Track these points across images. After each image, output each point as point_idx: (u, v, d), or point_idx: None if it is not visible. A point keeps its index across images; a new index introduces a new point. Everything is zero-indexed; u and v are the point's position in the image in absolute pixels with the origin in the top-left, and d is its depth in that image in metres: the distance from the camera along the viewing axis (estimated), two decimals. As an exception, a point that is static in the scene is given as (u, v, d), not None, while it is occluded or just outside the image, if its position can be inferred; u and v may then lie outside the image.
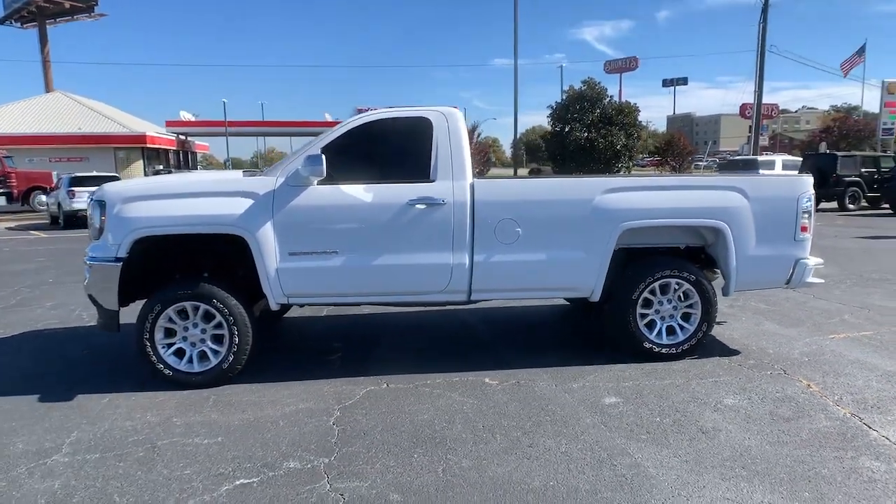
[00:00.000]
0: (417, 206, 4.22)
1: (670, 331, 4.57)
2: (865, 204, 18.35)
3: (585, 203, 4.33)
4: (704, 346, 4.65)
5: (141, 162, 37.65)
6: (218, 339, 4.23)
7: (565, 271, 4.39)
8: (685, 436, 3.31)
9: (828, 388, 3.95)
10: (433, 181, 4.29)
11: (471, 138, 27.99)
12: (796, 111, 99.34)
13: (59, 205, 18.38)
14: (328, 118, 54.44)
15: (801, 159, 20.31)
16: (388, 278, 4.28)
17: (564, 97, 25.75)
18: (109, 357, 5.00)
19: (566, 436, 3.34)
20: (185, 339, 4.23)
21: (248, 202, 4.14)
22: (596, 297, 4.51)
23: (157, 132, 39.49)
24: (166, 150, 41.75)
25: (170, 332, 4.21)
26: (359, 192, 4.23)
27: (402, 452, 3.19)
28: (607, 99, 25.19)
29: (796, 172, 14.05)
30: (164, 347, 4.18)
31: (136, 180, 4.92)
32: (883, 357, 4.52)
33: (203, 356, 4.24)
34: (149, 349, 4.14)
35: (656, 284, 4.47)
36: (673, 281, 4.48)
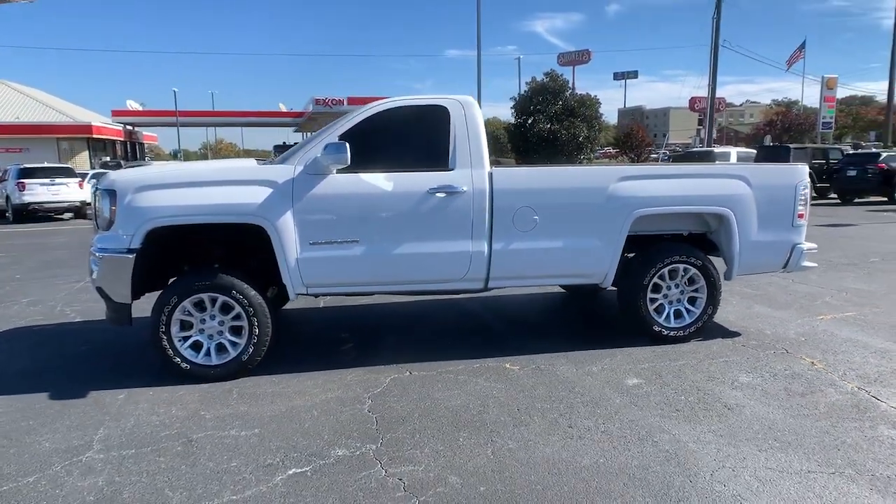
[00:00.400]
0: (438, 194, 4.24)
1: (677, 314, 4.75)
2: (814, 194, 19.32)
3: (600, 191, 4.44)
4: (706, 328, 4.85)
5: (86, 153, 36.02)
6: (236, 331, 4.16)
7: (580, 258, 4.50)
8: (712, 412, 3.47)
9: (830, 364, 4.20)
10: (452, 170, 4.31)
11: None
12: (740, 105, 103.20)
13: (7, 198, 17.43)
14: (283, 108, 53.50)
15: (754, 151, 21.18)
16: (408, 267, 4.29)
17: (527, 89, 26.02)
18: (112, 352, 4.83)
19: (601, 416, 3.45)
20: (202, 331, 4.13)
21: (268, 191, 4.06)
22: (608, 284, 4.64)
23: (102, 122, 37.84)
24: (113, 141, 40.10)
25: (186, 325, 4.11)
26: (379, 181, 4.21)
27: (446, 437, 3.23)
28: (569, 91, 25.63)
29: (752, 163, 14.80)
30: (180, 341, 4.08)
31: (145, 168, 4.75)
32: (871, 335, 4.82)
33: (221, 348, 4.16)
34: (165, 343, 4.02)
35: (665, 270, 4.63)
36: (681, 266, 4.65)
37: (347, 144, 3.97)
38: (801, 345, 4.63)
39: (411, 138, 4.41)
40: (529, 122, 25.19)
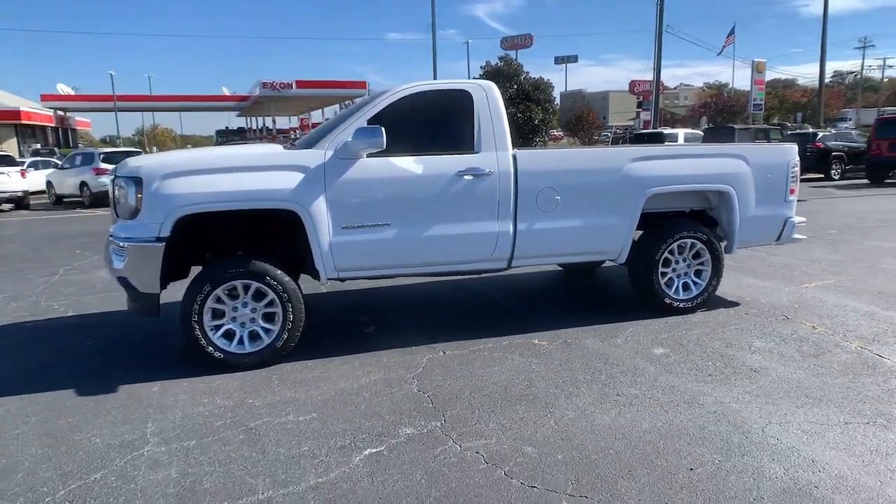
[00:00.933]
0: (465, 176, 4.30)
1: (685, 287, 5.01)
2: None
3: (616, 171, 4.62)
4: (709, 299, 5.14)
5: (14, 140, 33.73)
6: (269, 318, 4.11)
7: (598, 236, 4.68)
8: (741, 375, 3.73)
9: (829, 328, 4.55)
10: (477, 152, 4.38)
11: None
12: (675, 88, 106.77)
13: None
14: (226, 92, 51.63)
15: (700, 132, 22.12)
16: (437, 249, 4.35)
17: (482, 73, 26.12)
18: (122, 345, 4.68)
19: (642, 384, 3.64)
20: (234, 319, 4.07)
21: (300, 176, 4.02)
22: (622, 260, 4.85)
23: (31, 108, 35.48)
24: (43, 127, 37.70)
25: (218, 314, 4.03)
26: (409, 164, 4.23)
27: (504, 411, 3.34)
28: (523, 75, 25.91)
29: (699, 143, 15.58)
30: (212, 329, 4.01)
31: (169, 154, 4.55)
32: (855, 300, 5.24)
33: (254, 336, 4.11)
34: (197, 332, 3.94)
35: (675, 245, 4.88)
36: (688, 241, 4.91)
37: (383, 128, 3.97)
38: (798, 311, 4.99)
39: (436, 122, 4.45)
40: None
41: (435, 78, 24.67)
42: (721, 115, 53.56)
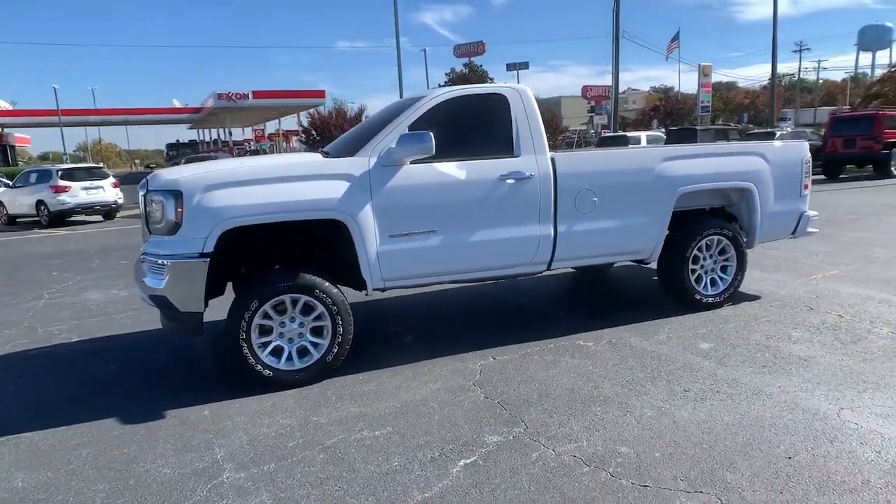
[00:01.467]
0: (507, 180, 4.29)
1: (713, 282, 5.13)
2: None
3: (649, 171, 4.69)
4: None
5: (-51, 159, 31.80)
6: (318, 332, 3.99)
7: (633, 236, 4.74)
8: (795, 365, 3.83)
9: (854, 316, 4.74)
10: (518, 156, 4.37)
11: (357, 122, 27.52)
12: (623, 93, 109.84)
13: None
14: (177, 104, 50.16)
15: (661, 134, 22.83)
16: (482, 254, 4.31)
17: (447, 79, 26.22)
18: (149, 368, 4.45)
19: (704, 379, 3.69)
20: (281, 335, 3.92)
21: (346, 185, 3.92)
22: (654, 258, 4.92)
23: (-33, 124, 33.54)
24: (-20, 145, 35.66)
25: (264, 330, 3.88)
26: (452, 170, 4.19)
27: (582, 413, 3.33)
28: (489, 82, 26.12)
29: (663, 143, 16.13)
30: (260, 347, 3.85)
31: (203, 165, 4.34)
32: (867, 289, 5.48)
33: (302, 351, 3.97)
34: (246, 351, 3.78)
35: (703, 242, 4.99)
36: (715, 238, 5.03)
37: (432, 133, 3.92)
38: (818, 301, 5.17)
39: (475, 126, 4.42)
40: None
41: (400, 86, 24.65)
42: (670, 118, 55.38)
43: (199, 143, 56.98)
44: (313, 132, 27.05)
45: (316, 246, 4.27)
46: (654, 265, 5.17)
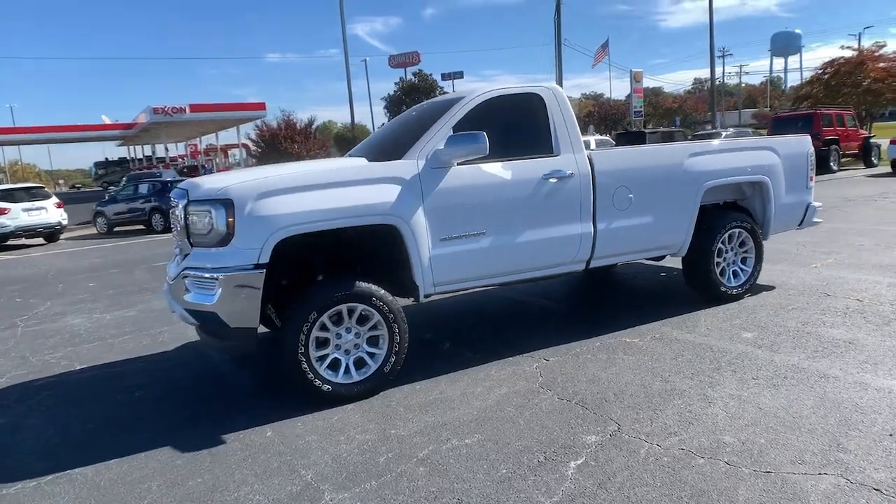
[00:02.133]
0: (550, 179, 4.27)
1: (735, 274, 5.28)
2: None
3: (678, 167, 4.79)
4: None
5: None
6: (373, 342, 3.82)
7: (665, 231, 4.81)
8: (844, 348, 3.97)
9: (872, 299, 4.98)
10: (557, 155, 4.37)
11: (307, 133, 26.95)
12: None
13: None
14: (106, 121, 47.66)
15: (607, 137, 23.57)
16: (528, 255, 4.27)
17: (396, 89, 26.19)
18: (181, 391, 4.17)
19: (766, 367, 3.77)
20: (338, 347, 3.74)
21: (398, 188, 3.80)
22: (683, 253, 5.02)
23: None
24: None
25: (321, 343, 3.68)
26: (498, 170, 4.14)
27: (666, 407, 3.32)
28: (438, 90, 26.26)
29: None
30: (317, 361, 3.65)
31: (247, 172, 4.07)
32: (869, 274, 5.78)
33: (359, 363, 3.80)
34: (304, 365, 3.58)
35: (726, 235, 5.13)
36: (736, 230, 5.18)
37: (485, 133, 3.85)
38: (831, 288, 5.41)
39: (515, 126, 4.38)
40: (405, 121, 25.41)
41: (350, 95, 24.39)
42: (605, 123, 57.24)
43: (129, 160, 54.28)
44: (262, 144, 26.32)
45: (360, 253, 4.11)
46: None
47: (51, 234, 16.30)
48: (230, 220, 3.45)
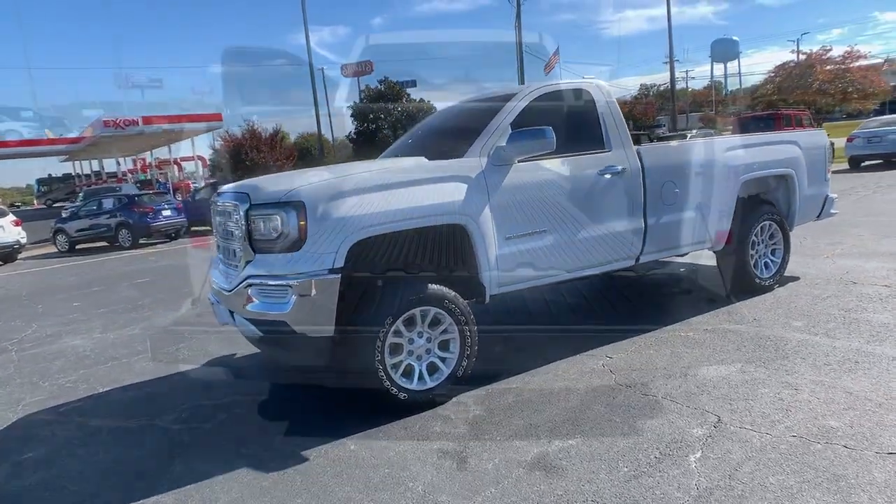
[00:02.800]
0: (605, 175, 4.25)
1: (766, 265, 5.38)
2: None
3: (719, 161, 4.85)
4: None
5: None
6: (444, 345, 3.69)
7: (709, 224, 4.86)
8: (888, 333, 4.07)
9: (897, 284, 5.16)
10: (609, 150, 4.35)
11: (273, 143, 26.35)
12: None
13: None
14: (50, 135, 45.44)
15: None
16: (586, 251, 4.22)
17: (363, 96, 25.97)
18: (232, 410, 3.91)
19: (832, 353, 3.82)
20: (410, 352, 3.59)
21: (464, 187, 3.69)
22: (719, 247, 5.08)
23: None
24: None
25: (394, 349, 3.53)
26: (557, 166, 4.09)
27: (756, 396, 3.31)
28: (405, 97, 26.19)
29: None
30: (392, 368, 3.50)
31: (307, 174, 3.84)
32: (882, 262, 5.98)
33: (433, 368, 3.66)
34: (381, 374, 3.42)
35: (759, 227, 5.22)
36: (767, 223, 5.28)
37: (551, 128, 3.79)
38: (854, 276, 5.57)
39: (568, 122, 4.34)
40: (374, 127, 25.18)
41: (315, 108, 24.01)
42: (562, 129, 57.60)
43: (73, 176, 51.89)
44: (227, 154, 25.64)
45: (424, 254, 3.97)
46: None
47: (8, 253, 15.34)
48: (302, 223, 3.27)
